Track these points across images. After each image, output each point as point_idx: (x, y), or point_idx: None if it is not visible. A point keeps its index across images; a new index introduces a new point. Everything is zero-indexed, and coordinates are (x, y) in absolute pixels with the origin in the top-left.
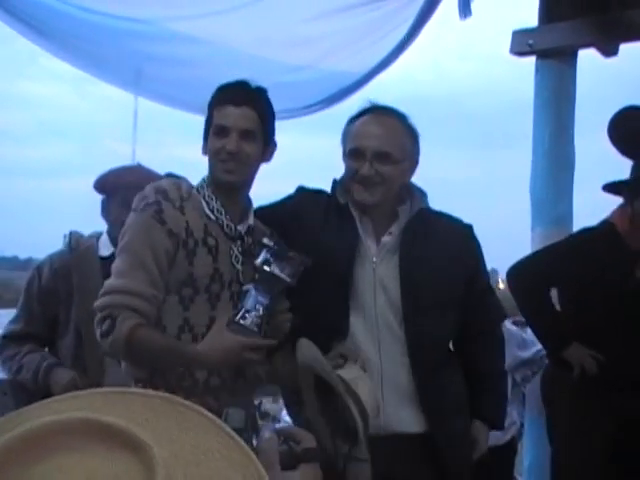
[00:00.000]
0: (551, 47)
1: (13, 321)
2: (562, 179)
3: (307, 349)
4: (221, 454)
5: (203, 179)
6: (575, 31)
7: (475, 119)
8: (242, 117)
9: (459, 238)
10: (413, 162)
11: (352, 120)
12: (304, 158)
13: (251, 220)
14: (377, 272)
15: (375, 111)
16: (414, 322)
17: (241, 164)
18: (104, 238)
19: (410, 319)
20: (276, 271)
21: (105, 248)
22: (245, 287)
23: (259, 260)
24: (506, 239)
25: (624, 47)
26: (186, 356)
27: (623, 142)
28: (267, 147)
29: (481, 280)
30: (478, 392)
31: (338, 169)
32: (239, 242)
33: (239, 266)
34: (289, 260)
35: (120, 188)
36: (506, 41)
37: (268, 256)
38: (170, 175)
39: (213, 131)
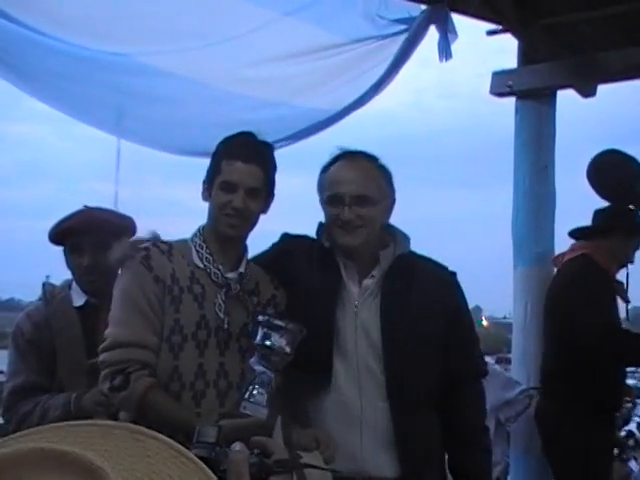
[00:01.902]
0: (530, 88)
1: (12, 377)
2: (543, 218)
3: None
4: (181, 479)
5: (198, 229)
6: (553, 72)
7: (457, 157)
8: (249, 175)
9: (441, 283)
10: (390, 201)
11: (325, 169)
12: (290, 197)
13: (242, 268)
14: (359, 316)
15: (346, 156)
16: (394, 367)
17: (245, 220)
18: (75, 287)
19: (390, 364)
20: (275, 345)
21: (78, 297)
22: (252, 365)
23: (258, 338)
24: (489, 277)
25: (602, 88)
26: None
27: (604, 189)
28: (268, 201)
29: (463, 327)
30: (468, 449)
31: (310, 207)
32: (224, 290)
33: (222, 314)
34: (286, 332)
35: (67, 236)
36: (487, 80)
37: (265, 331)
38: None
39: (220, 185)
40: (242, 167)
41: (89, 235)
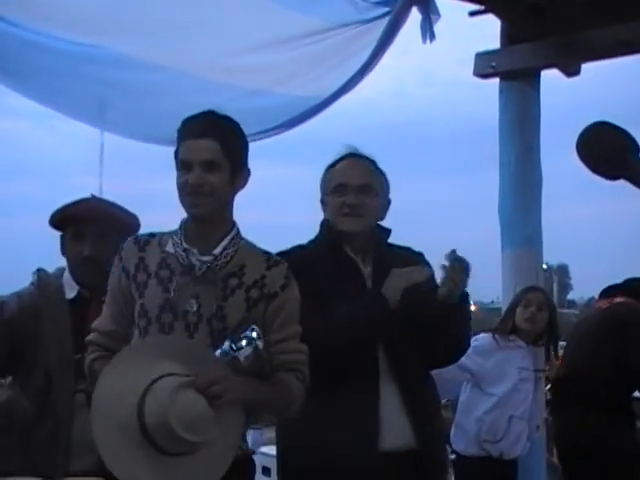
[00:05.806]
0: (514, 69)
1: None
2: (529, 200)
3: None
4: None
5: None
6: (537, 52)
7: (442, 144)
8: (203, 149)
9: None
10: (386, 200)
11: (330, 167)
12: (277, 187)
13: (219, 249)
14: None
15: (351, 156)
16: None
17: (206, 196)
18: (67, 277)
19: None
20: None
21: (70, 289)
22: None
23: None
24: (476, 262)
25: (585, 66)
26: None
27: (595, 162)
28: (238, 174)
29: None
30: None
31: (312, 197)
32: (192, 273)
33: (189, 297)
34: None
35: (70, 222)
36: (468, 66)
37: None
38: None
39: (177, 167)
40: (194, 143)
41: (92, 224)
